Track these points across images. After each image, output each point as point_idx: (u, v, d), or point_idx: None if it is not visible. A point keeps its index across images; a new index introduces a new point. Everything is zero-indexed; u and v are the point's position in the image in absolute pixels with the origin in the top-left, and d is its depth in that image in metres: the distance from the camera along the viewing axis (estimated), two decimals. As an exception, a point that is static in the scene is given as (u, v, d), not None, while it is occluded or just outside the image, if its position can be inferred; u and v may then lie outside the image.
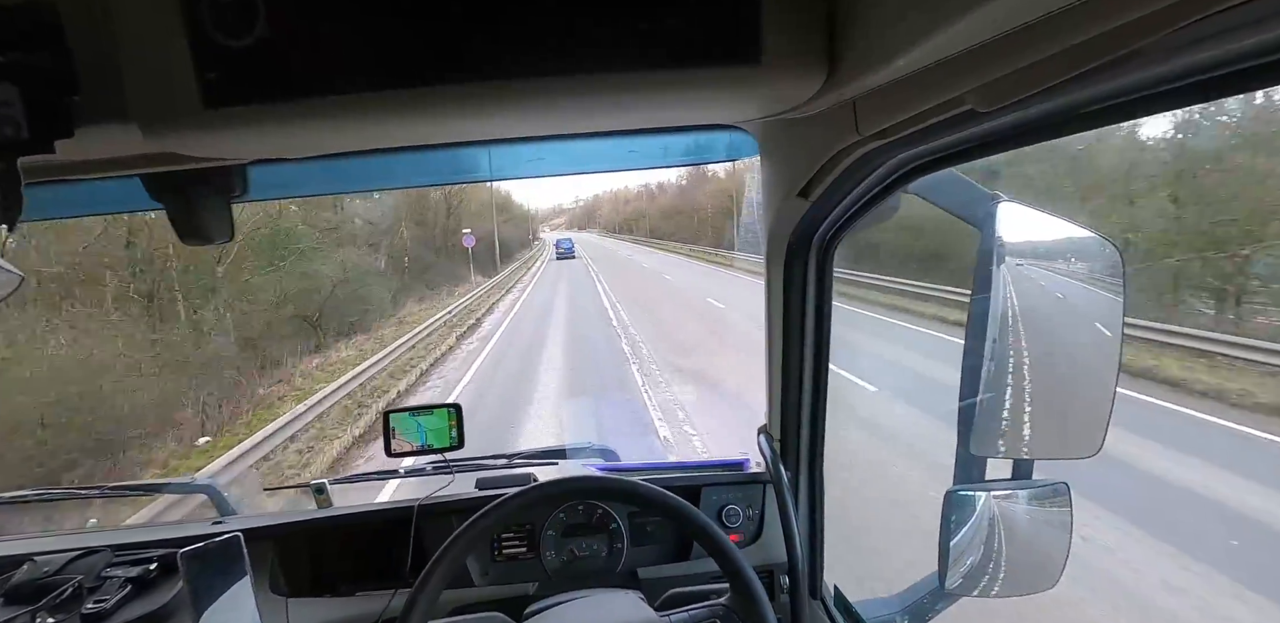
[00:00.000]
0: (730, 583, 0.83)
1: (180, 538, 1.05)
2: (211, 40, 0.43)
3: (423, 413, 1.14)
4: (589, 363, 9.03)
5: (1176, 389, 6.02)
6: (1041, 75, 0.41)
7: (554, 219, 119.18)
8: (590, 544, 1.11)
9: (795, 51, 0.47)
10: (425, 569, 0.77)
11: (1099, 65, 0.38)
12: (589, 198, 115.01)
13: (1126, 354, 0.84)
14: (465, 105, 0.49)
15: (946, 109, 0.50)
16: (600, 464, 1.26)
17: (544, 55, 0.45)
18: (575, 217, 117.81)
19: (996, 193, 0.85)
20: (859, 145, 0.62)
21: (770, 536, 1.12)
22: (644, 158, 1.06)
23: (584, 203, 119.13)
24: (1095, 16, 0.35)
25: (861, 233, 0.89)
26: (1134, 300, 6.76)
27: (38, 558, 1.04)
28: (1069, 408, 0.87)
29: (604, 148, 0.98)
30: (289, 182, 1.03)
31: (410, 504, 1.10)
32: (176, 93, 0.45)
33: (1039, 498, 0.92)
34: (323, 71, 0.45)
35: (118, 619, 0.92)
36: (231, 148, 0.57)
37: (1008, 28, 0.38)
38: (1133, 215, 8.85)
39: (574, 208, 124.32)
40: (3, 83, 0.45)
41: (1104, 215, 8.88)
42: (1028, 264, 0.86)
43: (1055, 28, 0.37)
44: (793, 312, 0.95)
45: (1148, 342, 6.97)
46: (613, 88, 0.48)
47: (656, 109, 0.59)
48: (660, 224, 51.33)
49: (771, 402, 1.04)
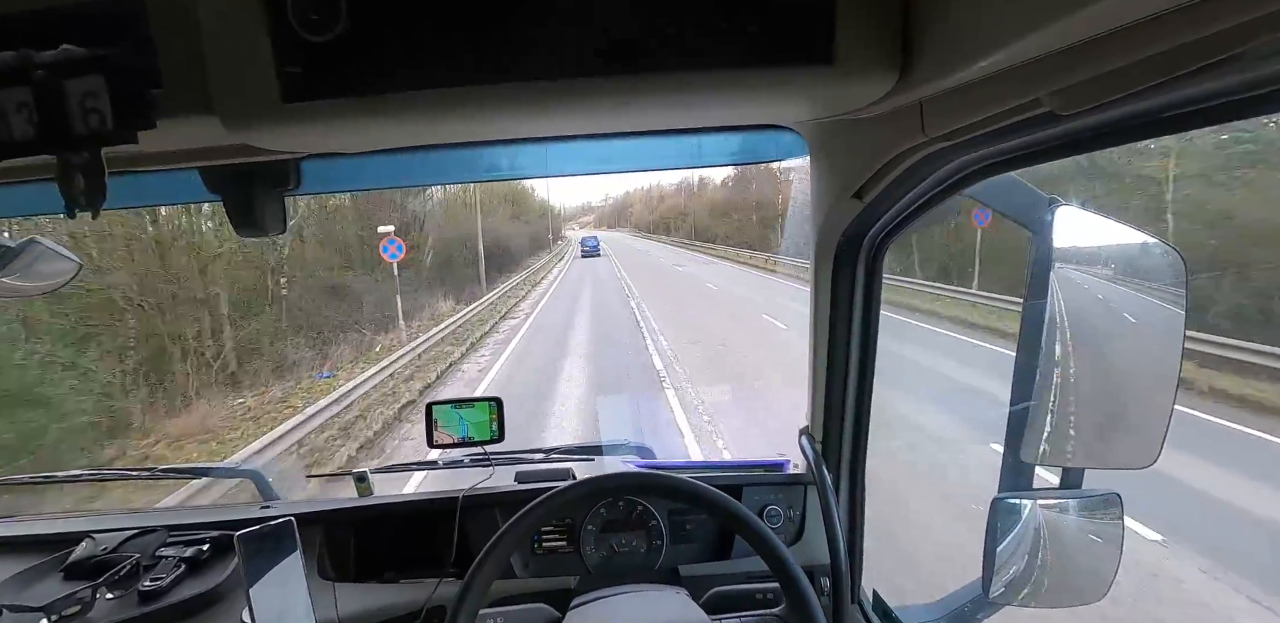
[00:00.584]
0: (784, 591, 0.83)
1: (231, 521, 1.09)
2: (293, 35, 0.45)
3: (464, 406, 1.16)
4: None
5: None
6: (1127, 80, 0.41)
7: (582, 217, 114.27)
8: (630, 540, 1.12)
9: (869, 53, 0.47)
10: (478, 559, 0.78)
11: (1189, 72, 0.38)
12: (619, 195, 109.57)
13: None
14: (534, 102, 0.50)
15: (1021, 112, 0.49)
16: (637, 461, 1.27)
17: (621, 54, 0.46)
18: (605, 215, 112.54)
19: (1054, 197, 0.84)
20: (923, 147, 0.62)
21: (811, 537, 1.12)
22: (687, 157, 1.06)
23: (614, 201, 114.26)
24: (1181, 25, 0.34)
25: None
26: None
27: (96, 536, 1.08)
28: (1125, 417, 0.85)
29: (649, 146, 0.98)
30: (340, 176, 1.05)
31: (454, 495, 1.12)
32: (256, 86, 0.46)
33: (1089, 508, 0.90)
34: (398, 67, 0.46)
35: (173, 598, 0.96)
36: (304, 141, 0.58)
37: (1095, 32, 0.38)
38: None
39: (603, 206, 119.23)
40: (90, 75, 0.47)
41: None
42: (1084, 270, 0.85)
43: (1144, 32, 0.37)
44: (840, 313, 0.94)
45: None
46: (682, 87, 0.49)
47: (720, 108, 0.59)
48: (708, 224, 42.24)
49: (815, 403, 1.04)
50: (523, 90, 0.47)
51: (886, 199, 0.76)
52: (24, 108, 0.47)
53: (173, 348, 8.98)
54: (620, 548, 1.12)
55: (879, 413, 1.02)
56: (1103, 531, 0.90)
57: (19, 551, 1.09)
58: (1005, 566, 0.91)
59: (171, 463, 4.63)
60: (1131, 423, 0.85)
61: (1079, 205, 0.81)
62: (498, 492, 1.16)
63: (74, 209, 0.51)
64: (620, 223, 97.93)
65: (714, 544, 1.14)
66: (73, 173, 0.49)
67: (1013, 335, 0.89)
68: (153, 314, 8.99)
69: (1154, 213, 8.45)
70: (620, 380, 7.94)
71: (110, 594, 0.97)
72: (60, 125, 0.47)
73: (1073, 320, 0.84)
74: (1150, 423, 0.81)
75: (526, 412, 6.27)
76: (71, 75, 0.47)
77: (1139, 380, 0.84)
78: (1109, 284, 0.85)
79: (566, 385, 7.61)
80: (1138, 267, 0.84)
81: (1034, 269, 0.84)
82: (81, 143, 0.48)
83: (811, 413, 1.06)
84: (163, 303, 9.22)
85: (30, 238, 0.99)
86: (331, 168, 0.95)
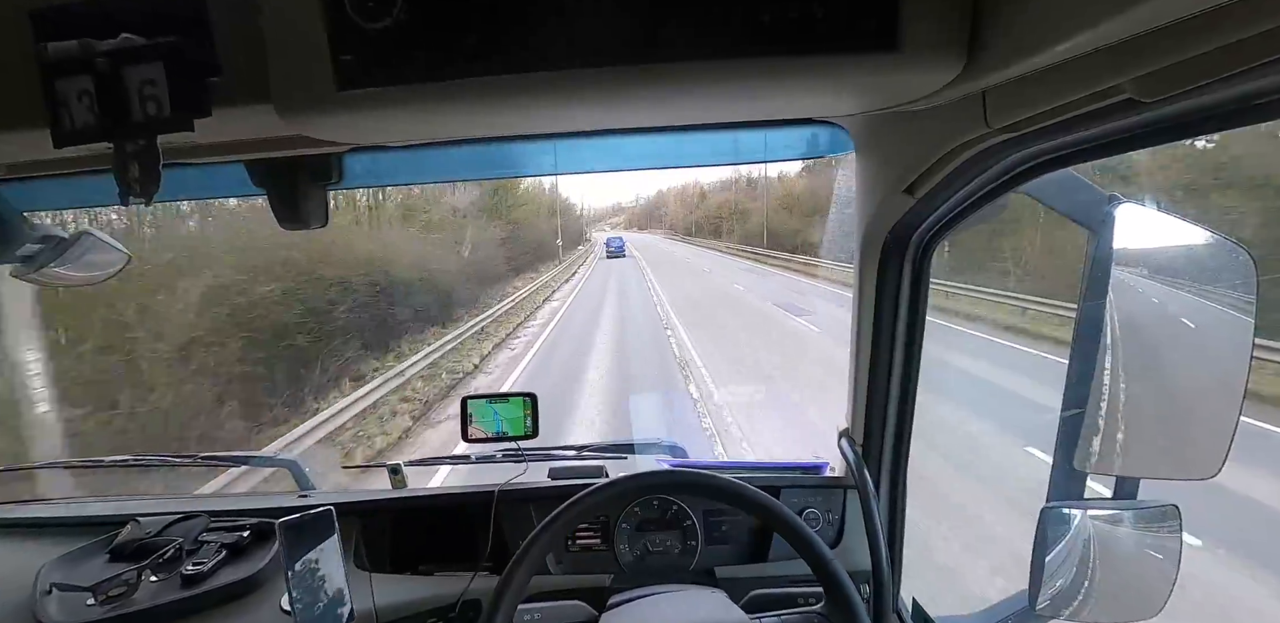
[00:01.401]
0: (826, 592, 0.81)
1: (271, 509, 1.11)
2: (349, 22, 0.45)
3: (499, 401, 1.17)
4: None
5: None
6: (1216, 65, 0.38)
7: (612, 217, 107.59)
8: (664, 540, 1.11)
9: (934, 39, 0.45)
10: (517, 554, 0.78)
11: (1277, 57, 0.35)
12: (650, 195, 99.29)
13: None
14: (586, 90, 0.49)
15: (1097, 100, 0.47)
16: (670, 460, 1.26)
17: (681, 40, 0.45)
18: (636, 216, 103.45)
19: (1114, 194, 0.80)
20: (983, 139, 0.59)
21: (850, 543, 1.09)
22: (726, 154, 1.04)
23: (645, 200, 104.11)
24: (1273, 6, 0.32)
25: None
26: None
27: (140, 519, 1.11)
28: (1186, 426, 0.81)
29: (688, 142, 0.97)
30: (381, 171, 1.06)
31: (490, 489, 1.13)
32: (312, 74, 0.46)
33: (1145, 520, 0.86)
34: (452, 55, 0.46)
35: (215, 582, 0.98)
36: (356, 132, 0.58)
37: (1184, 14, 0.36)
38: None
39: (634, 206, 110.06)
40: (150, 63, 0.48)
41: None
42: (1146, 271, 0.81)
43: (1233, 14, 0.34)
44: (884, 312, 0.92)
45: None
46: (739, 74, 0.47)
47: (769, 100, 0.58)
48: (786, 225, 27.34)
49: (855, 405, 1.01)
50: (570, 79, 0.47)
51: (939, 195, 0.73)
52: (85, 96, 0.49)
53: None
54: (654, 548, 1.11)
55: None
56: (1158, 544, 0.86)
57: (68, 531, 1.12)
58: (1053, 577, 0.87)
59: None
60: (1193, 432, 0.81)
61: (1142, 203, 0.78)
62: (533, 487, 1.16)
63: (128, 197, 0.52)
64: (652, 224, 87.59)
65: (750, 546, 1.12)
66: (129, 161, 0.50)
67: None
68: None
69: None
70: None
71: (154, 577, 0.99)
72: (119, 113, 0.48)
73: (1132, 323, 0.81)
74: (1213, 433, 0.77)
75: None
76: (131, 63, 0.48)
77: (1202, 388, 0.80)
78: (1172, 286, 0.82)
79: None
80: (1204, 267, 0.80)
81: (1091, 269, 0.80)
82: (139, 130, 0.49)
83: (852, 415, 1.04)
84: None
85: (83, 229, 1.02)
86: (372, 162, 0.96)
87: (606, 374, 8.01)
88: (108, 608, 0.93)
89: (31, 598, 0.93)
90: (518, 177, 1.63)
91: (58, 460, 1.41)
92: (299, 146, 0.73)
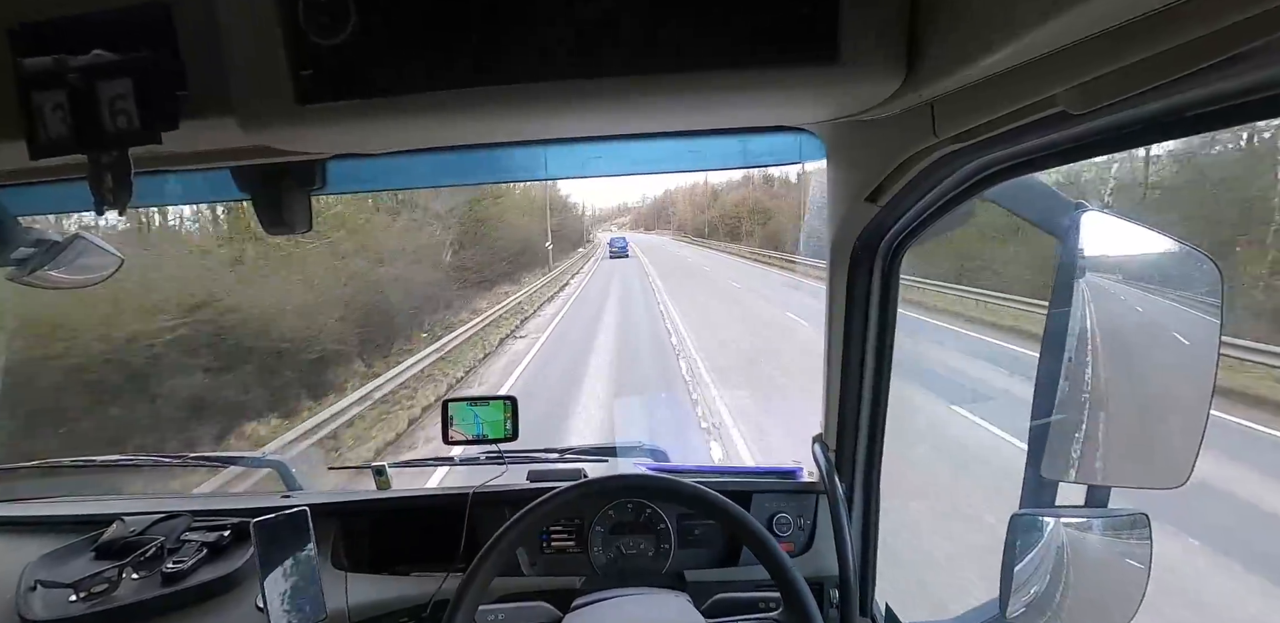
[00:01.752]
0: (783, 597, 0.82)
1: (252, 509, 1.12)
2: (306, 38, 0.46)
3: (480, 403, 1.18)
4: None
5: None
6: (1142, 76, 0.39)
7: (618, 218, 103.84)
8: (638, 543, 1.11)
9: (873, 51, 0.46)
10: (480, 554, 0.79)
11: (1206, 67, 0.36)
12: (659, 194, 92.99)
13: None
14: (541, 103, 0.50)
15: (1034, 111, 0.47)
16: (650, 464, 1.27)
17: (624, 54, 0.46)
18: (643, 216, 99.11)
19: (1080, 201, 0.81)
20: (935, 148, 0.60)
21: (821, 547, 1.09)
22: (704, 159, 1.06)
23: (652, 200, 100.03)
24: (1201, 16, 0.33)
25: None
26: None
27: (126, 518, 1.13)
28: (1155, 434, 0.81)
29: (666, 148, 0.98)
30: (364, 176, 1.08)
31: (465, 492, 1.14)
32: (273, 89, 0.48)
33: (1115, 528, 0.86)
34: (408, 69, 0.47)
35: (194, 580, 0.99)
36: (319, 142, 0.60)
37: (1108, 25, 0.36)
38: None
39: (639, 206, 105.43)
40: (119, 78, 0.49)
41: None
42: (1112, 277, 0.82)
43: (1158, 26, 0.35)
44: (855, 319, 0.92)
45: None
46: (686, 87, 0.48)
47: (727, 109, 0.59)
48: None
49: (828, 410, 1.02)
50: (528, 91, 0.48)
51: (901, 203, 0.74)
52: (59, 109, 0.50)
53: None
54: (628, 550, 1.11)
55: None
56: (1130, 552, 0.86)
57: (56, 529, 1.14)
58: (1024, 585, 0.87)
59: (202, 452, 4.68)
60: (1162, 440, 0.81)
61: (1105, 210, 0.79)
62: (508, 490, 1.17)
63: (103, 206, 0.54)
64: (659, 224, 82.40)
65: (723, 551, 1.13)
66: (102, 171, 0.52)
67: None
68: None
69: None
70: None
71: (135, 575, 1.01)
72: (92, 125, 0.50)
73: (1100, 330, 0.81)
74: (1182, 440, 0.77)
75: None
76: (103, 78, 0.50)
77: (1170, 394, 0.81)
78: (1138, 293, 0.82)
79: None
80: (1169, 274, 0.81)
81: (1059, 276, 0.81)
82: (111, 142, 0.51)
83: (825, 420, 1.04)
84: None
85: (76, 233, 1.05)
86: (356, 168, 0.98)
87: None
88: (89, 604, 0.95)
89: (16, 595, 0.95)
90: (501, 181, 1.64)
91: (48, 460, 1.43)
92: (278, 154, 0.74)
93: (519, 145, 0.95)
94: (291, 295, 8.47)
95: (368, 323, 9.44)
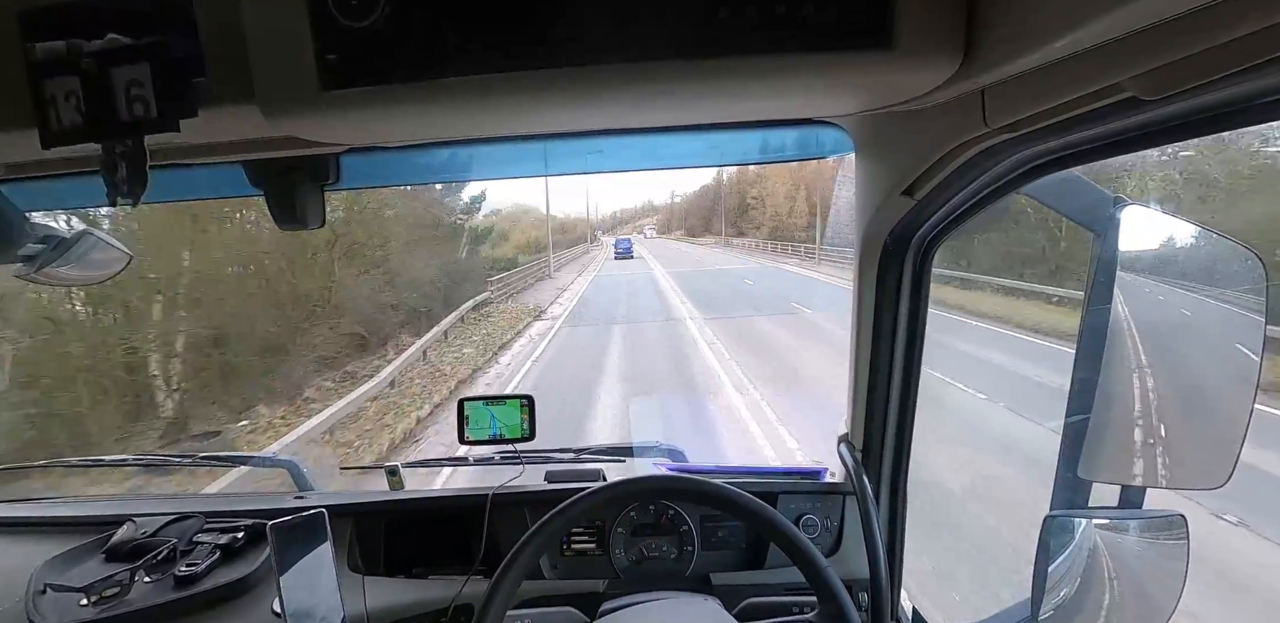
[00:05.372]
0: (820, 600, 0.80)
1: (265, 510, 1.11)
2: (333, 22, 0.44)
3: (496, 403, 1.15)
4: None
5: None
6: (1222, 61, 0.37)
7: (640, 220, 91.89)
8: (660, 545, 1.10)
9: (931, 36, 0.44)
10: (508, 557, 0.77)
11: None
12: (692, 191, 75.99)
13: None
14: (571, 91, 0.48)
15: (1098, 98, 0.45)
16: (668, 464, 1.25)
17: (668, 38, 0.44)
18: (674, 216, 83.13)
19: (1120, 195, 0.79)
20: (983, 139, 0.58)
21: (849, 550, 1.08)
22: (723, 154, 1.04)
23: (682, 198, 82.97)
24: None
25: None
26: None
27: (136, 519, 1.11)
28: (1194, 433, 0.80)
29: (682, 142, 0.96)
30: (378, 171, 1.06)
31: (484, 493, 1.12)
32: (297, 74, 0.46)
33: (1151, 530, 0.84)
34: (439, 53, 0.45)
35: (207, 584, 0.97)
36: (343, 132, 0.58)
37: (1187, 8, 0.34)
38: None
39: (669, 205, 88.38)
40: (136, 64, 0.47)
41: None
42: (1152, 274, 0.80)
43: (1239, 10, 0.33)
44: (884, 316, 0.90)
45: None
46: (729, 73, 0.46)
47: (765, 99, 0.57)
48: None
49: (855, 410, 1.00)
50: (559, 78, 0.46)
51: (940, 196, 0.72)
52: (72, 96, 0.49)
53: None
54: (650, 553, 1.10)
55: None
56: (1165, 555, 0.84)
57: (64, 531, 1.13)
58: (1057, 587, 0.86)
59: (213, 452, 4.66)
60: (1201, 439, 0.79)
61: (1147, 204, 0.77)
62: (528, 491, 1.15)
63: (116, 198, 0.52)
64: (704, 228, 57.69)
65: (747, 553, 1.11)
66: (116, 161, 0.50)
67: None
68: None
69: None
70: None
71: (148, 578, 0.99)
72: (106, 113, 0.48)
73: (1138, 328, 0.79)
74: (1222, 439, 0.75)
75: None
76: (118, 64, 0.48)
77: (1211, 392, 0.79)
78: (1179, 290, 0.80)
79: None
80: (1212, 271, 0.79)
81: (1096, 273, 0.79)
82: (126, 131, 0.49)
83: (851, 420, 1.02)
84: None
85: (84, 229, 1.02)
86: (370, 162, 0.96)
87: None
88: (100, 609, 0.93)
89: (25, 599, 0.93)
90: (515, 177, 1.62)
91: (57, 460, 1.42)
92: (293, 147, 0.72)
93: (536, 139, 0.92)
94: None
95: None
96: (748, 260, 29.35)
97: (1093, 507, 0.85)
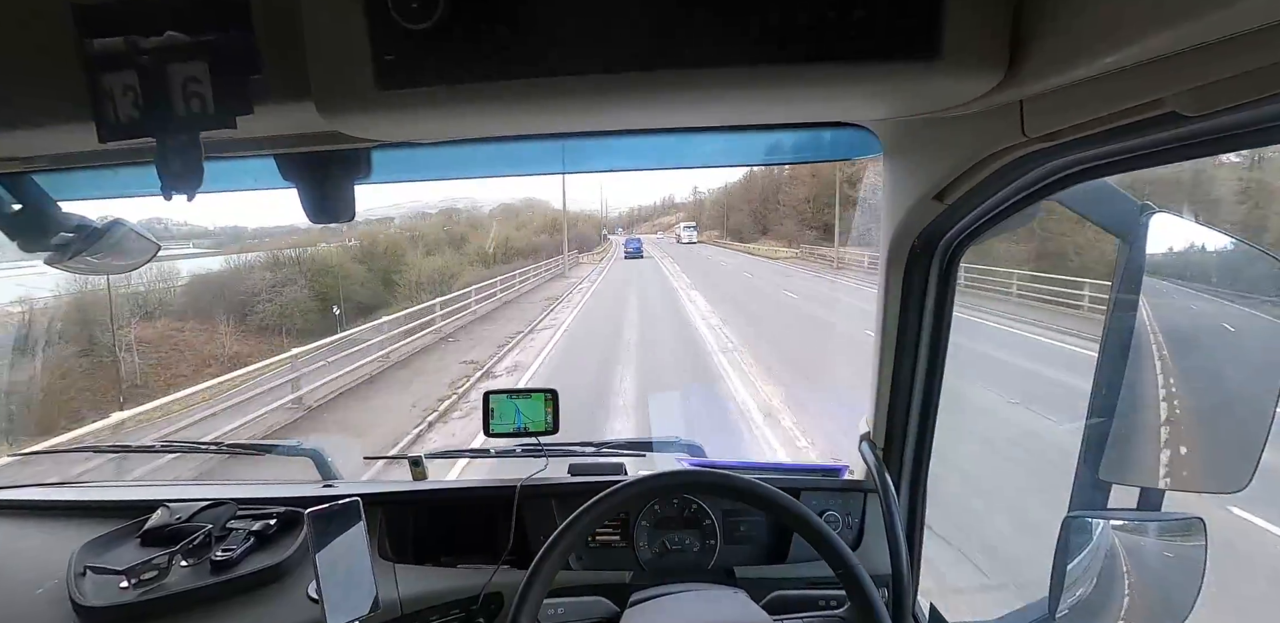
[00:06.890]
0: (849, 596, 0.81)
1: (297, 497, 1.13)
2: (391, 23, 0.45)
3: (520, 396, 1.18)
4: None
5: None
6: (1264, 82, 0.38)
7: (661, 217, 79.38)
8: (683, 538, 1.12)
9: (978, 46, 0.45)
10: (544, 548, 0.79)
11: None
12: (717, 187, 63.06)
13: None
14: (624, 92, 0.49)
15: (1138, 112, 0.46)
16: (689, 459, 1.27)
17: (714, 44, 0.45)
18: (701, 213, 63.49)
19: (1148, 203, 0.79)
20: (1019, 147, 0.59)
21: (869, 547, 1.09)
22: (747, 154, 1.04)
23: (707, 194, 68.59)
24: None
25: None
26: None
27: (170, 505, 1.14)
28: (1216, 437, 0.81)
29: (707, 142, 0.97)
30: (407, 166, 1.07)
31: (511, 484, 1.14)
32: (353, 74, 0.47)
33: (1169, 533, 0.86)
34: (492, 56, 0.46)
35: (243, 569, 1.00)
36: (394, 129, 0.59)
37: (1233, 31, 0.35)
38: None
39: (690, 202, 74.21)
40: (194, 61, 0.48)
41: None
42: (1178, 281, 0.80)
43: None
44: (909, 317, 0.91)
45: None
46: (770, 80, 0.48)
47: (802, 104, 0.58)
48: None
49: (877, 409, 1.01)
50: (608, 83, 0.47)
51: (970, 202, 0.73)
52: (129, 91, 0.49)
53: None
54: (673, 546, 1.11)
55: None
56: (1183, 557, 0.85)
57: (98, 515, 1.15)
58: (1074, 586, 0.87)
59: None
60: (1223, 443, 0.80)
61: (1176, 212, 0.77)
62: (554, 483, 1.17)
63: (170, 192, 0.53)
64: (759, 229, 37.48)
65: (769, 547, 1.13)
66: (171, 156, 0.51)
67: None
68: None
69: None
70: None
71: (185, 562, 1.01)
72: (163, 109, 0.49)
73: (1163, 333, 0.80)
74: (1244, 444, 0.76)
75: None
76: (175, 61, 0.48)
77: (1234, 398, 0.80)
78: (1204, 295, 0.81)
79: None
80: (1238, 279, 0.79)
81: (1123, 278, 0.80)
82: (182, 126, 0.50)
83: (874, 419, 1.03)
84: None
85: (114, 219, 1.04)
86: (399, 158, 0.97)
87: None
88: (141, 592, 0.95)
89: (67, 580, 0.96)
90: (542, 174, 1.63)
91: (85, 445, 1.45)
92: (339, 141, 0.73)
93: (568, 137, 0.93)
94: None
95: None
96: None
97: (1111, 509, 0.86)
